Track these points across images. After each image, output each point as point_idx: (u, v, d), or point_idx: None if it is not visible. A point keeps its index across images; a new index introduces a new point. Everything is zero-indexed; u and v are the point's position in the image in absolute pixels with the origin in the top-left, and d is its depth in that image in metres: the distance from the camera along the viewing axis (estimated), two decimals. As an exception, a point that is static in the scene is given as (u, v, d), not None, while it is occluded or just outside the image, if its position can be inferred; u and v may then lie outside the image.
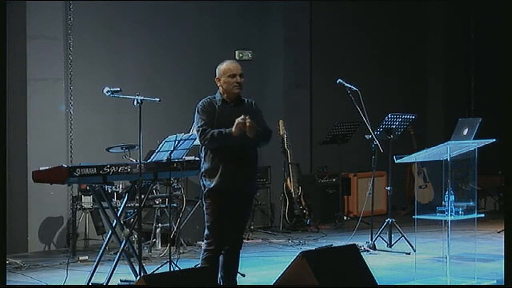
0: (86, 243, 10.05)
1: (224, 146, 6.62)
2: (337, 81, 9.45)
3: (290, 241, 10.44)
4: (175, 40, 11.37)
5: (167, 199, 9.17)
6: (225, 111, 6.69)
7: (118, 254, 7.61)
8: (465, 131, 8.49)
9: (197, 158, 7.35)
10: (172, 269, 7.65)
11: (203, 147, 6.74)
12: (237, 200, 6.72)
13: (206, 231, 6.73)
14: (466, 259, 8.78)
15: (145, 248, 9.37)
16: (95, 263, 7.62)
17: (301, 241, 10.41)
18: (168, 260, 7.71)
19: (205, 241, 6.74)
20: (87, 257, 9.24)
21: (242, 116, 6.52)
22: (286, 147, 11.46)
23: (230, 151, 6.64)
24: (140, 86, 9.92)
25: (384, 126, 9.85)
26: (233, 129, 6.52)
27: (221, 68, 6.80)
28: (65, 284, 7.87)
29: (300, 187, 11.60)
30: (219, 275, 6.77)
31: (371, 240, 9.70)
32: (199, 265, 6.83)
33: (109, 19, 10.77)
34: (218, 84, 6.80)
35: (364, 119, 9.29)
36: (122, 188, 9.20)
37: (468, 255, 8.97)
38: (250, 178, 6.82)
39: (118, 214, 7.86)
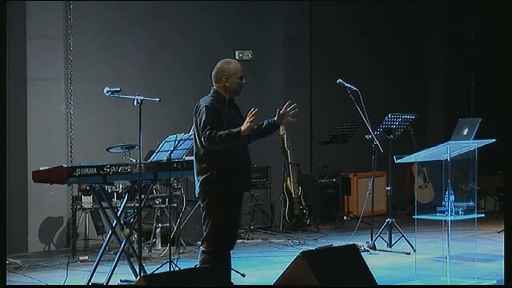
0: (86, 243, 10.05)
1: (234, 145, 6.49)
2: (337, 81, 9.44)
3: (290, 241, 10.43)
4: (175, 40, 11.37)
5: (167, 199, 9.17)
6: (230, 111, 6.57)
7: (118, 254, 7.61)
8: (465, 131, 8.49)
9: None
10: (172, 269, 7.64)
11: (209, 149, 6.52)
12: (240, 199, 6.72)
13: (208, 233, 6.51)
14: (466, 259, 8.78)
15: (145, 248, 9.37)
16: (95, 263, 7.62)
17: (301, 241, 10.41)
18: (168, 260, 7.71)
19: (205, 242, 6.54)
20: (87, 257, 9.24)
21: (252, 115, 6.40)
22: (286, 147, 11.45)
23: (240, 151, 6.57)
24: (140, 86, 9.91)
25: (384, 126, 9.85)
26: (243, 128, 6.39)
27: (230, 67, 6.59)
28: (65, 284, 7.87)
29: (300, 187, 11.59)
30: None
31: (371, 240, 9.70)
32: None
33: (109, 19, 10.77)
34: (222, 84, 6.56)
35: (364, 119, 9.28)
36: (122, 188, 9.20)
37: (468, 255, 8.97)
38: (251, 175, 6.86)
39: (118, 214, 7.86)
